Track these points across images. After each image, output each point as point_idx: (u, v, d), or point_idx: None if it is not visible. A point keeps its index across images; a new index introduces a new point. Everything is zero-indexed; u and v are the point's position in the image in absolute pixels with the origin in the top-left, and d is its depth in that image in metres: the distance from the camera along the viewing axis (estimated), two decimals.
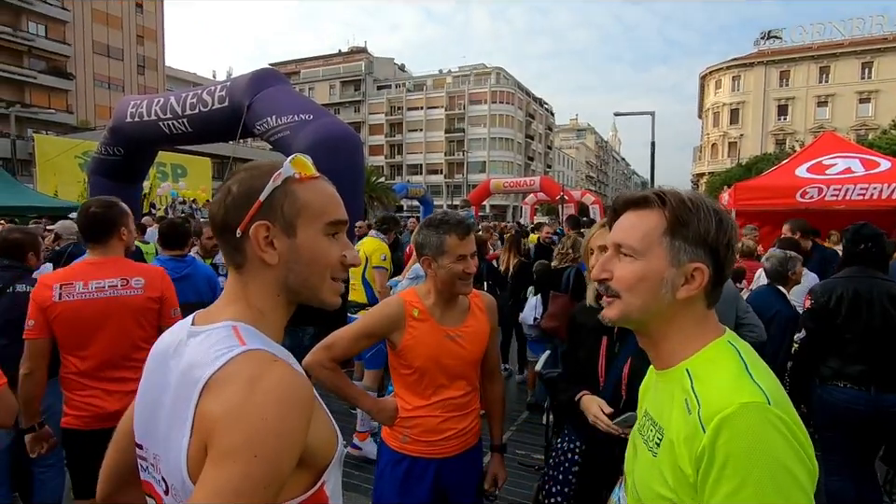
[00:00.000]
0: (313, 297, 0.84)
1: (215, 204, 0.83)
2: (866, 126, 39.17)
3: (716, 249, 0.87)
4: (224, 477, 0.63)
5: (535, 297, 4.48)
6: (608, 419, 1.55)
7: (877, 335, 2.45)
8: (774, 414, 0.75)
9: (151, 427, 0.78)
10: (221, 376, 0.69)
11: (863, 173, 6.71)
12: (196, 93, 10.44)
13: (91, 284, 2.07)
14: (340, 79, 62.75)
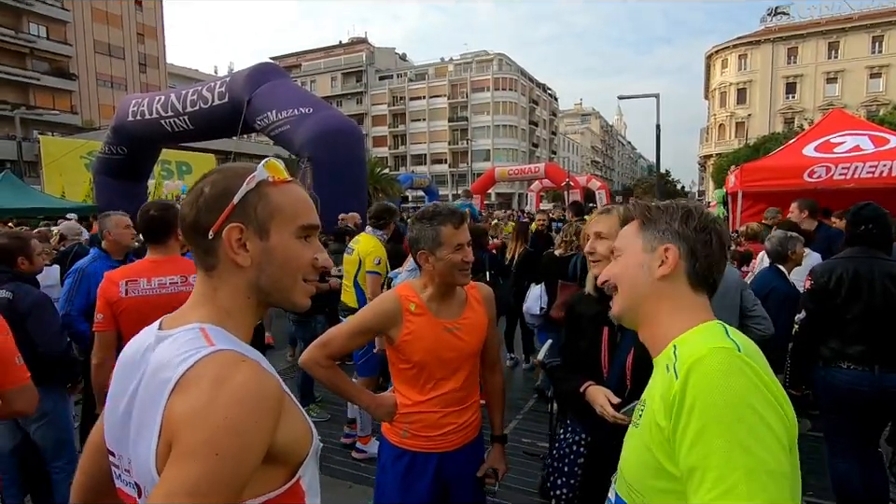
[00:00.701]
0: (283, 299, 0.85)
1: (186, 205, 0.83)
2: (877, 101, 38.39)
3: (686, 235, 0.96)
4: (183, 476, 0.63)
5: (539, 286, 4.45)
6: (614, 410, 1.53)
7: (878, 315, 2.41)
8: (742, 360, 0.78)
9: (122, 434, 0.78)
10: (189, 377, 0.70)
11: (872, 150, 6.58)
12: (196, 90, 10.43)
13: (154, 280, 2.22)
14: (341, 71, 62.40)
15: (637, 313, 0.99)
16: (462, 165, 56.31)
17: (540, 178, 26.17)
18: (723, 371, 0.77)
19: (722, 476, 0.71)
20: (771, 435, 0.73)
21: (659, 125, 16.25)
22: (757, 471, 0.70)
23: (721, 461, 0.71)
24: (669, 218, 0.98)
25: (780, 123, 41.65)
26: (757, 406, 0.74)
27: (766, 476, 0.70)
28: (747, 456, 0.71)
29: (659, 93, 15.91)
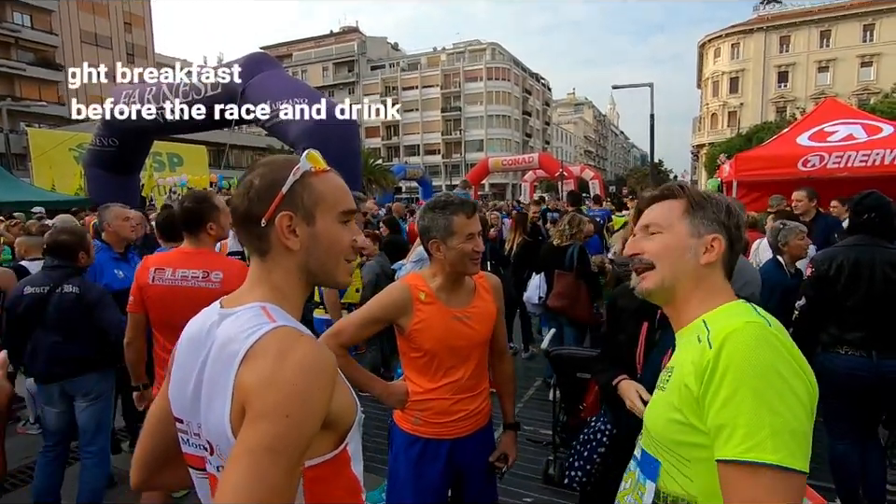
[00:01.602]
0: (329, 278, 0.95)
1: (237, 197, 0.91)
2: (868, 90, 38.60)
3: (728, 228, 1.04)
4: (259, 435, 0.72)
5: (538, 276, 4.48)
6: (643, 407, 1.55)
7: (878, 303, 2.45)
8: (772, 333, 0.87)
9: (192, 402, 0.86)
10: (256, 349, 0.78)
11: (866, 139, 6.64)
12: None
13: (179, 272, 2.26)
14: (333, 61, 61.74)
15: (672, 291, 1.04)
16: (455, 156, 56.12)
17: (534, 168, 26.14)
18: (755, 342, 0.85)
19: (751, 433, 0.79)
20: (795, 399, 0.82)
21: (653, 115, 16.29)
22: (782, 430, 0.79)
23: (750, 420, 0.80)
24: (716, 209, 1.04)
25: (772, 112, 41.80)
26: (784, 373, 0.83)
27: (789, 435, 0.79)
28: (773, 416, 0.80)
29: (653, 83, 15.94)
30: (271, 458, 0.70)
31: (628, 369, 1.73)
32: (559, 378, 3.02)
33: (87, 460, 2.71)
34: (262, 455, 0.70)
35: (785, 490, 0.78)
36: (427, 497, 1.77)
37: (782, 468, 0.77)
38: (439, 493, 1.80)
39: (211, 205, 2.32)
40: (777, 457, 0.77)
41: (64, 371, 2.63)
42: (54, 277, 2.63)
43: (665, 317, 1.67)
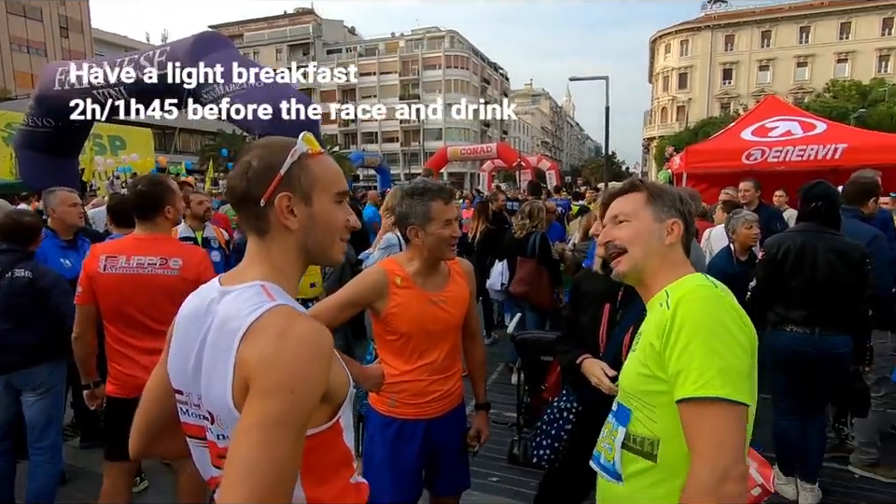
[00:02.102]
0: (325, 256, 0.99)
1: (235, 178, 0.93)
2: (803, 89, 41.12)
3: (683, 213, 1.22)
4: (266, 409, 0.76)
5: (501, 263, 4.57)
6: (609, 382, 1.62)
7: (820, 284, 2.63)
8: (719, 294, 1.05)
9: (193, 374, 0.90)
10: (256, 327, 0.82)
11: (802, 135, 7.10)
12: (133, 59, 9.72)
13: (133, 259, 2.16)
14: (287, 43, 59.66)
15: (643, 270, 1.20)
16: (414, 144, 55.76)
17: (493, 158, 26.34)
18: (703, 301, 1.04)
19: (702, 374, 0.97)
20: (738, 345, 0.99)
21: (608, 107, 16.70)
22: (727, 370, 0.96)
23: (701, 364, 0.97)
24: (671, 198, 1.24)
25: (718, 108, 43.87)
26: (728, 324, 1.00)
27: (734, 374, 0.97)
28: (720, 360, 0.97)
29: (608, 76, 16.31)
30: (278, 432, 0.75)
31: (591, 348, 1.80)
32: (523, 361, 3.11)
33: (36, 457, 2.58)
34: (270, 429, 0.75)
35: (731, 419, 0.95)
36: (403, 476, 1.80)
37: (728, 400, 0.94)
38: (415, 472, 1.84)
39: (167, 188, 2.24)
40: (724, 392, 0.94)
41: (14, 361, 2.50)
42: (3, 262, 2.51)
43: (625, 299, 1.77)
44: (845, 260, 2.61)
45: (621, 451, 1.15)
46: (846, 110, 26.12)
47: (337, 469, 0.97)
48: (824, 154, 6.71)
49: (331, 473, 0.96)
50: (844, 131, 7.69)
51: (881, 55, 41.22)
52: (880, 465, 3.07)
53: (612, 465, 1.16)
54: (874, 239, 2.89)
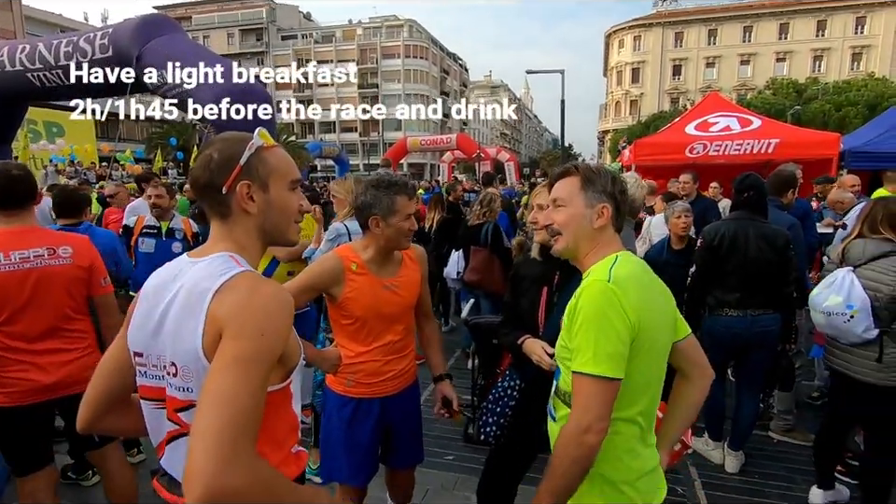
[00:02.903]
0: (281, 237, 1.09)
1: (198, 168, 1.03)
2: (746, 86, 43.29)
3: (613, 195, 1.37)
4: (239, 348, 0.86)
5: (457, 252, 4.69)
6: (550, 359, 1.74)
7: (751, 268, 2.87)
8: (609, 288, 1.22)
9: (154, 336, 0.99)
10: (227, 286, 0.93)
11: (739, 130, 7.57)
12: (72, 41, 9.19)
13: (14, 255, 1.94)
14: (239, 27, 57.45)
15: (576, 250, 1.39)
16: (373, 134, 55.09)
17: (452, 149, 26.45)
18: (594, 295, 1.23)
19: (583, 353, 1.21)
20: (615, 333, 1.20)
21: (563, 100, 17.11)
22: (600, 353, 1.19)
23: (585, 345, 1.21)
24: (603, 181, 1.37)
25: (668, 102, 45.53)
26: (609, 316, 1.20)
27: (605, 356, 1.19)
28: (596, 345, 1.19)
29: (564, 69, 16.69)
30: (250, 366, 0.85)
31: (530, 330, 1.92)
32: (478, 346, 3.25)
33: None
34: (244, 364, 0.85)
35: (596, 389, 1.19)
36: (360, 452, 1.90)
37: (595, 376, 1.19)
38: (371, 448, 1.94)
39: (31, 174, 2.09)
40: (593, 370, 1.19)
41: None
42: None
43: (561, 283, 1.91)
44: (771, 245, 2.86)
45: (553, 398, 1.41)
46: (783, 107, 27.74)
47: (285, 435, 1.07)
48: (759, 148, 7.19)
49: (280, 438, 1.05)
50: (777, 127, 8.24)
51: (815, 55, 43.90)
52: (796, 430, 3.39)
53: (551, 409, 1.43)
54: (791, 227, 3.17)
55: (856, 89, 29.44)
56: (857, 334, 2.35)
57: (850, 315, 2.33)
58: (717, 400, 3.10)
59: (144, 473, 2.96)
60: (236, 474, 0.78)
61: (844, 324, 2.36)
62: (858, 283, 2.35)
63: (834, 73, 40.84)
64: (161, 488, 1.07)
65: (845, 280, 2.38)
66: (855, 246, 2.45)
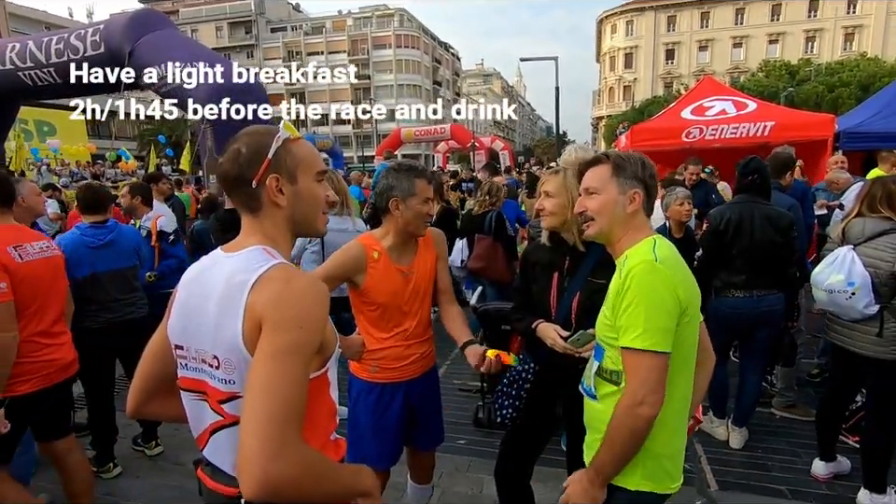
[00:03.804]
0: (310, 228, 1.12)
1: (227, 163, 1.04)
2: (738, 69, 43.22)
3: (644, 180, 1.44)
4: (280, 341, 0.90)
5: (461, 241, 4.73)
6: (563, 342, 1.79)
7: (757, 249, 2.93)
8: (658, 267, 1.31)
9: (194, 328, 1.02)
10: (264, 278, 0.95)
11: (735, 113, 7.59)
12: (63, 38, 9.11)
13: (35, 244, 2.17)
14: (227, 20, 56.74)
15: (609, 235, 1.45)
16: (367, 126, 54.77)
17: (446, 139, 26.35)
18: (644, 274, 1.31)
19: (636, 329, 1.29)
20: (665, 310, 1.29)
21: (558, 87, 17.06)
22: (652, 328, 1.28)
23: (636, 321, 1.29)
24: (633, 167, 1.43)
25: (661, 87, 45.44)
26: (661, 293, 1.29)
27: (657, 331, 1.27)
28: (648, 321, 1.28)
29: (558, 56, 16.62)
30: (291, 358, 0.89)
31: (543, 314, 1.96)
32: (486, 332, 3.30)
33: None
34: (284, 356, 0.89)
35: (650, 363, 1.27)
36: (386, 436, 1.97)
37: (649, 350, 1.27)
38: (397, 431, 2.00)
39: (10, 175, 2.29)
40: (644, 344, 1.27)
41: None
42: None
43: (571, 268, 1.96)
44: (776, 227, 2.92)
45: (595, 378, 1.47)
46: (777, 89, 27.78)
47: (325, 422, 1.10)
48: (755, 132, 7.23)
49: (320, 425, 1.08)
50: (772, 109, 8.28)
51: (808, 36, 43.83)
52: (797, 406, 3.48)
53: (590, 388, 1.49)
54: (790, 208, 3.24)
55: (849, 69, 29.47)
56: (858, 310, 2.41)
57: (852, 292, 2.39)
58: (720, 379, 3.17)
59: (163, 465, 3.04)
60: (286, 463, 0.83)
61: (845, 301, 2.42)
62: (858, 261, 2.40)
63: (827, 53, 40.85)
64: (205, 477, 1.10)
65: (846, 258, 2.43)
66: (855, 225, 2.51)
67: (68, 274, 2.41)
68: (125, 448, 3.18)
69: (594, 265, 1.87)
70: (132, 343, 2.86)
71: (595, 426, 1.47)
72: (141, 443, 3.19)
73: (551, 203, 1.90)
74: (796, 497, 2.68)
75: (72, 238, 2.80)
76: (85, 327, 2.69)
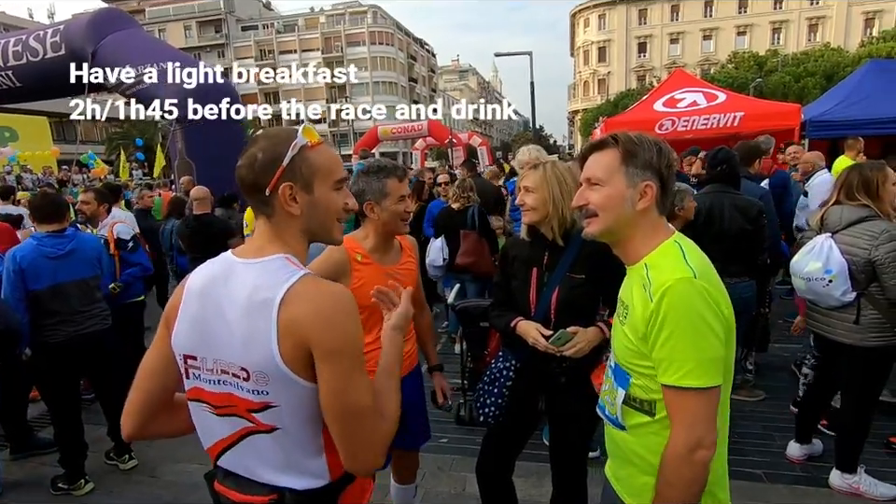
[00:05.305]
0: (326, 236, 1.10)
1: (243, 168, 1.01)
2: (709, 61, 44.06)
3: (659, 170, 1.18)
4: (339, 369, 0.94)
5: (439, 239, 4.70)
6: (545, 341, 1.78)
7: (728, 237, 2.96)
8: (698, 284, 1.09)
9: (213, 339, 0.99)
10: (293, 294, 0.94)
11: (706, 105, 7.74)
12: (20, 40, 8.81)
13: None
14: (196, 19, 55.44)
15: (615, 234, 1.22)
16: (343, 124, 54.23)
17: (424, 136, 26.24)
18: (684, 296, 1.08)
19: (682, 365, 1.08)
20: (714, 335, 1.08)
21: (533, 82, 17.12)
22: (703, 361, 1.07)
23: (682, 355, 1.08)
24: (647, 154, 1.17)
25: (635, 80, 46.03)
26: (706, 317, 1.08)
27: (708, 363, 1.08)
28: (697, 352, 1.07)
29: (532, 51, 16.68)
30: (357, 375, 0.96)
31: (522, 310, 1.95)
32: (465, 329, 3.29)
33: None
34: (352, 374, 0.95)
35: (704, 400, 1.08)
36: None
37: (702, 388, 1.07)
38: None
39: None
40: (699, 382, 1.07)
41: None
42: None
43: (550, 263, 1.94)
44: (745, 215, 2.98)
45: (622, 407, 1.25)
46: (745, 80, 28.39)
47: None
48: (725, 122, 7.38)
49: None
50: (741, 100, 8.45)
51: (774, 28, 44.88)
52: (744, 388, 3.54)
53: (616, 418, 1.28)
54: (762, 196, 3.30)
55: (813, 59, 30.28)
56: (836, 297, 2.44)
57: (829, 279, 2.42)
58: None
59: (139, 479, 2.95)
60: (385, 449, 1.03)
61: (823, 288, 2.45)
62: (836, 248, 2.43)
63: (793, 44, 41.89)
64: (229, 491, 1.05)
65: (823, 246, 2.46)
66: (833, 213, 2.52)
67: (26, 287, 2.32)
68: (97, 463, 3.08)
69: (573, 260, 1.86)
70: (95, 356, 2.87)
71: (624, 457, 1.29)
72: (114, 457, 3.09)
73: (531, 198, 1.88)
74: (771, 480, 2.74)
75: (29, 249, 2.69)
76: (44, 342, 2.60)
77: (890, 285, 2.32)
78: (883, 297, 2.37)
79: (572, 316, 1.84)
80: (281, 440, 0.99)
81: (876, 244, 2.33)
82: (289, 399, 0.96)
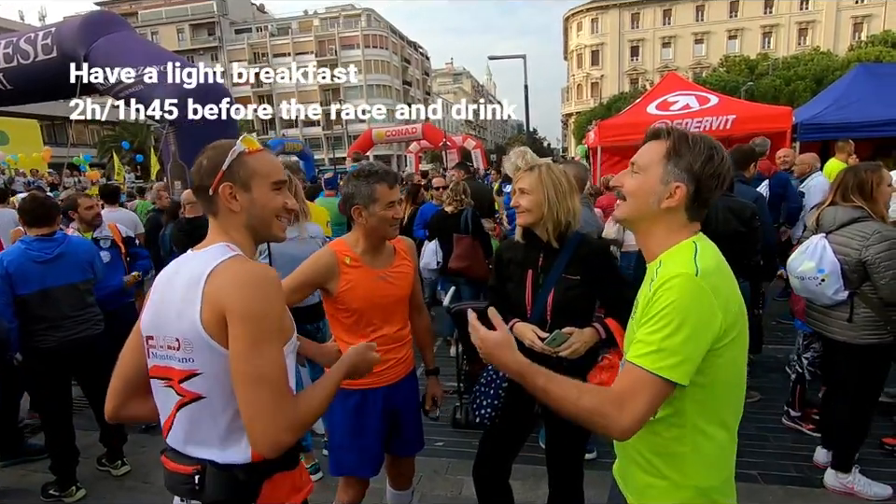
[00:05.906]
0: (266, 232, 1.21)
1: (193, 173, 1.18)
2: (700, 65, 44.45)
3: (699, 176, 1.13)
4: (248, 332, 1.01)
5: (432, 243, 4.69)
6: (541, 342, 1.78)
7: (720, 239, 2.97)
8: (697, 282, 1.06)
9: (162, 320, 1.11)
10: (221, 268, 1.07)
11: (698, 108, 7.80)
12: (11, 42, 8.73)
13: None
14: (189, 22, 55.26)
15: (637, 224, 1.22)
16: (337, 127, 54.16)
17: (419, 139, 26.27)
18: (677, 290, 1.05)
19: (646, 345, 1.06)
20: (693, 333, 1.04)
21: (527, 86, 17.21)
22: (667, 349, 1.03)
23: (650, 338, 1.06)
24: (693, 157, 1.13)
25: (628, 83, 46.34)
26: (690, 316, 1.04)
27: (672, 353, 1.03)
28: (666, 341, 1.04)
29: (526, 55, 16.77)
30: (269, 345, 1.03)
31: (518, 312, 1.95)
32: (461, 332, 3.29)
33: None
34: (262, 344, 1.02)
35: (655, 391, 1.03)
36: (368, 443, 1.94)
37: (655, 374, 1.03)
38: (379, 438, 1.97)
39: None
40: (654, 366, 1.03)
41: None
42: None
43: (546, 265, 1.94)
44: (739, 218, 2.99)
45: None
46: (737, 83, 28.65)
47: None
48: (717, 125, 7.43)
49: None
50: (733, 103, 8.53)
51: (764, 32, 45.37)
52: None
53: None
54: (756, 200, 3.32)
55: (803, 63, 30.61)
56: (828, 296, 2.49)
57: (821, 278, 2.47)
58: None
59: (131, 484, 2.92)
60: (291, 430, 1.04)
61: (816, 287, 2.51)
62: (829, 248, 2.48)
63: (783, 48, 42.36)
64: (167, 461, 1.17)
65: (818, 246, 2.52)
66: (827, 214, 2.57)
67: (14, 292, 2.30)
68: (89, 469, 3.05)
69: (567, 262, 1.87)
70: (86, 362, 2.84)
71: (628, 455, 1.27)
72: (106, 463, 3.06)
73: (526, 200, 1.89)
74: (766, 481, 2.75)
75: (17, 253, 2.65)
76: (34, 347, 2.57)
77: (881, 284, 2.36)
78: (876, 296, 2.41)
79: (568, 318, 1.84)
80: (206, 410, 1.08)
81: (867, 244, 2.37)
82: (211, 368, 1.06)
